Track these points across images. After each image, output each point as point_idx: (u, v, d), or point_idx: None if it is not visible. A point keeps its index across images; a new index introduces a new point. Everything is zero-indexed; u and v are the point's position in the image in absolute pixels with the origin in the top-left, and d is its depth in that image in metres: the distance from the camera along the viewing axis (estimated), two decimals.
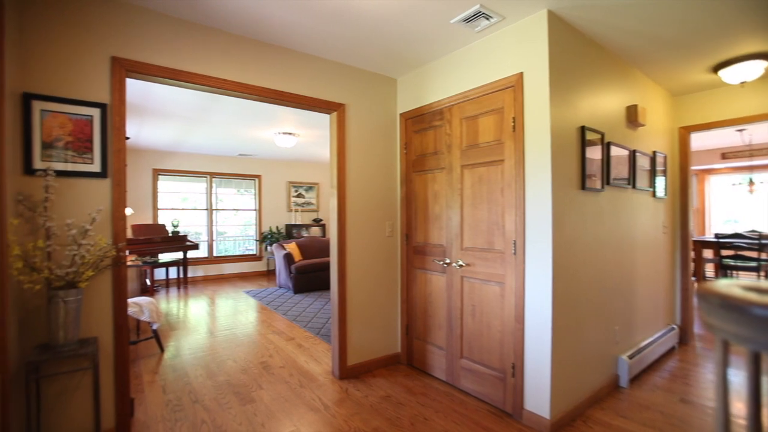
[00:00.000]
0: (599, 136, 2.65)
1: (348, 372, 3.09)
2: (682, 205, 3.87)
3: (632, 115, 3.03)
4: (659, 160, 3.55)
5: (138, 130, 5.55)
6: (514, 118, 2.41)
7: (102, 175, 2.15)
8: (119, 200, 2.20)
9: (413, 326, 3.30)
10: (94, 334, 2.12)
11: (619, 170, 2.91)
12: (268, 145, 6.81)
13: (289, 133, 5.68)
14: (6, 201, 1.69)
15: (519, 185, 2.38)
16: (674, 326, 3.70)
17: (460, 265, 2.80)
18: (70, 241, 1.99)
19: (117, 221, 2.18)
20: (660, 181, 3.56)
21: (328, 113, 3.14)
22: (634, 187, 3.10)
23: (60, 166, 2.04)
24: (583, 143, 2.47)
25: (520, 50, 2.39)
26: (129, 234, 6.33)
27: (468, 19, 2.38)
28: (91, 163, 2.13)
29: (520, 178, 2.37)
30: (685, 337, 3.87)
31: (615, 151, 2.84)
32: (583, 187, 2.48)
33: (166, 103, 4.29)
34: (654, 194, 3.46)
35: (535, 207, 2.31)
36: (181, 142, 6.46)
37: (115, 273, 2.18)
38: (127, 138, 2.24)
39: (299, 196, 9.01)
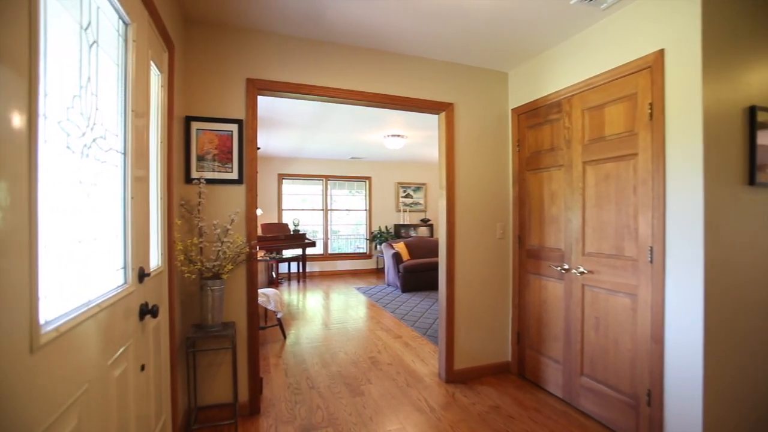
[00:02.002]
0: None
1: (455, 376, 3.03)
2: None
3: None
4: None
5: (266, 140, 6.30)
6: (651, 104, 2.07)
7: (239, 181, 2.49)
8: (252, 203, 2.51)
9: (525, 335, 3.08)
10: (232, 318, 2.47)
11: None
12: (378, 148, 7.10)
13: (398, 135, 5.82)
14: (173, 205, 2.07)
15: (657, 182, 2.03)
16: None
17: (581, 272, 2.51)
18: (216, 238, 2.34)
19: (250, 222, 2.50)
20: None
21: (437, 114, 3.12)
22: None
23: (209, 175, 2.42)
24: (753, 127, 1.99)
25: (659, 23, 2.04)
26: (259, 232, 7.23)
27: None
28: (231, 172, 2.48)
29: (659, 173, 2.02)
30: None
31: None
32: (750, 181, 2.00)
33: (288, 114, 4.78)
34: None
35: (680, 207, 1.94)
36: (301, 148, 7.14)
37: (248, 267, 2.50)
38: (258, 148, 2.56)
39: (407, 196, 9.19)
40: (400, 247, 6.98)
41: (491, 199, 3.21)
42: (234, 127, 2.49)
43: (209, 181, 2.41)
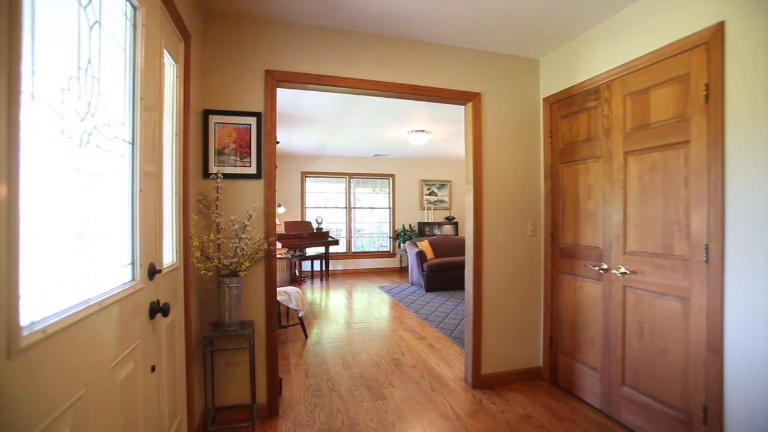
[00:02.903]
0: None
1: (482, 381, 2.87)
2: None
3: None
4: None
5: (289, 138, 6.28)
6: (706, 85, 1.85)
7: (257, 176, 2.42)
8: (270, 198, 2.43)
9: (558, 339, 2.88)
10: (251, 317, 2.40)
11: None
12: (401, 145, 6.97)
13: (422, 131, 5.67)
14: (189, 200, 2.01)
15: (715, 172, 1.81)
16: None
17: (622, 273, 2.30)
18: (233, 235, 2.27)
19: (268, 217, 2.42)
20: None
21: (463, 104, 2.96)
22: None
23: (226, 170, 2.36)
24: None
25: None
26: (282, 230, 7.24)
27: None
28: (249, 166, 2.41)
29: (717, 162, 1.80)
30: None
31: None
32: None
33: (310, 110, 4.71)
34: None
35: (743, 200, 1.72)
36: (324, 146, 7.09)
37: (266, 264, 2.42)
38: (278, 142, 2.50)
39: (431, 194, 9.02)
40: (424, 245, 6.83)
41: (521, 194, 3.03)
42: (252, 121, 2.42)
43: (227, 176, 2.35)
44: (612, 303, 2.40)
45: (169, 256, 1.80)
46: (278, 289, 3.91)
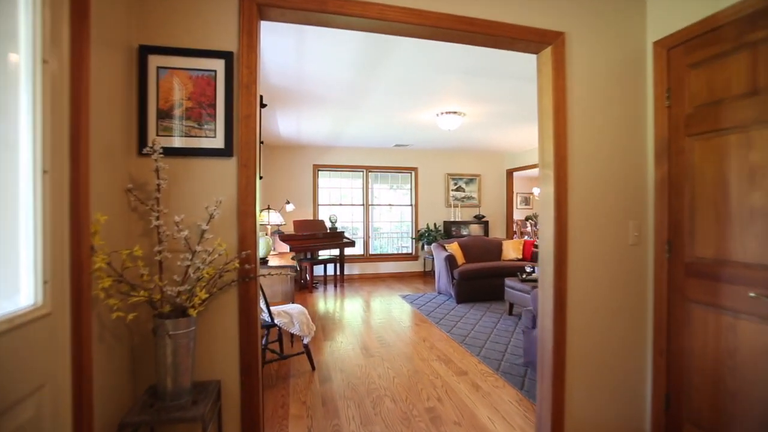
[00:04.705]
0: None
1: None
2: None
3: None
4: None
5: (298, 124, 5.41)
6: None
7: (226, 152, 1.53)
8: (247, 188, 1.54)
9: (683, 401, 1.92)
10: (216, 376, 1.52)
11: None
12: (426, 133, 6.01)
13: (454, 112, 4.71)
14: (88, 190, 1.14)
15: None
16: None
17: None
18: (183, 245, 1.39)
19: (244, 218, 1.53)
20: None
21: (536, 52, 2.01)
22: None
23: (175, 142, 1.48)
24: None
25: None
26: (291, 230, 6.39)
27: None
28: (213, 136, 1.52)
29: None
30: None
31: None
32: None
33: (321, 83, 3.79)
34: None
35: None
36: (338, 134, 6.20)
37: (241, 292, 1.53)
38: (264, 105, 1.68)
39: (458, 189, 8.02)
40: (453, 248, 5.87)
41: (618, 183, 2.07)
42: (219, 65, 1.54)
43: (175, 152, 1.47)
44: None
45: (26, 293, 0.93)
46: (277, 309, 3.05)
